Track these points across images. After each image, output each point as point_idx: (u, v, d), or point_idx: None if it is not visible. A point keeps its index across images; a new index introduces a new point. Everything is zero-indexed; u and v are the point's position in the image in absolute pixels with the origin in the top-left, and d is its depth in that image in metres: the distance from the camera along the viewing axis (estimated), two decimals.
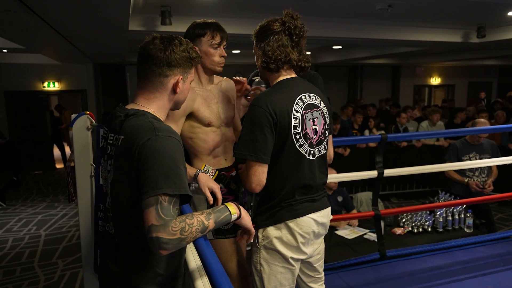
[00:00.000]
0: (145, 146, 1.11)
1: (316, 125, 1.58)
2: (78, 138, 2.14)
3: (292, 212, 1.55)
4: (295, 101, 1.53)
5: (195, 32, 1.77)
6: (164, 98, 1.28)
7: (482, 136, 3.72)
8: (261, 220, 1.59)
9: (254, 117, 1.48)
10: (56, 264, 4.02)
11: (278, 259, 1.57)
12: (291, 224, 1.55)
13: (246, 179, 1.53)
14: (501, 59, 11.05)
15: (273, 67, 1.57)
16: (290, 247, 1.56)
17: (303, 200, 1.58)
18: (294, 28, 1.55)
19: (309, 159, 1.56)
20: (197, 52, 1.32)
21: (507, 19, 5.40)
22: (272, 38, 1.55)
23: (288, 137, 1.51)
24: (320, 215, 1.62)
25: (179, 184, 1.10)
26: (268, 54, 1.55)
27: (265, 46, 1.56)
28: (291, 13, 1.58)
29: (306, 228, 1.56)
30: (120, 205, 1.22)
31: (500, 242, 3.17)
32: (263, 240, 1.57)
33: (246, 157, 1.49)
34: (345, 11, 4.76)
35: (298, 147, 1.53)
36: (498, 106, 7.89)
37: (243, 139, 1.50)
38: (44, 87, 8.77)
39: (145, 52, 1.24)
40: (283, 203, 1.55)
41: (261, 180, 1.50)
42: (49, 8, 3.35)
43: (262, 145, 1.47)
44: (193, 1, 4.25)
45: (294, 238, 1.55)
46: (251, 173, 1.50)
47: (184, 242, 1.09)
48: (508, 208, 5.55)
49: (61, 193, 6.76)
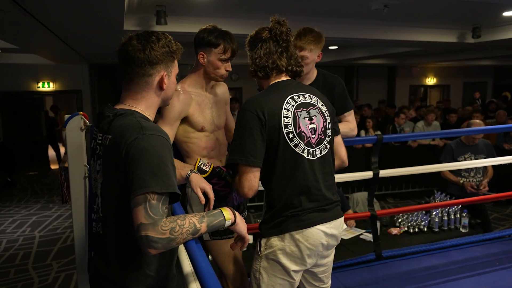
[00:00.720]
0: (132, 145, 1.10)
1: (314, 123, 1.53)
2: (71, 139, 2.12)
3: (299, 222, 1.49)
4: (285, 100, 1.51)
5: (208, 39, 1.74)
6: (152, 96, 1.27)
7: (477, 137, 3.73)
8: (266, 229, 1.53)
9: (242, 121, 1.48)
10: (50, 266, 3.99)
11: (278, 271, 1.52)
12: (297, 235, 1.48)
13: (238, 184, 1.50)
14: (496, 59, 11.10)
15: (261, 74, 1.58)
16: (293, 259, 1.50)
17: (312, 210, 1.50)
18: (280, 34, 1.56)
19: (308, 159, 1.50)
20: (177, 44, 1.29)
21: (503, 20, 5.42)
22: (260, 46, 1.57)
23: (280, 137, 1.47)
24: (330, 226, 1.54)
25: (167, 182, 1.09)
26: (255, 62, 1.57)
27: (253, 55, 1.58)
28: (278, 19, 1.59)
29: (313, 240, 1.50)
30: (109, 205, 1.21)
31: (496, 241, 3.18)
32: (265, 249, 1.53)
33: (236, 161, 1.47)
34: (341, 11, 4.76)
35: (294, 147, 1.48)
36: (493, 106, 7.93)
37: (233, 144, 1.50)
38: (39, 87, 8.71)
39: (124, 55, 1.23)
40: (289, 213, 1.49)
41: (253, 184, 1.47)
42: (43, 8, 3.33)
43: (251, 148, 1.44)
44: (189, 1, 4.23)
45: (299, 250, 1.49)
46: (243, 178, 1.47)
47: (174, 243, 1.07)
48: (504, 207, 5.57)
49: (56, 194, 6.72)
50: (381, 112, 8.60)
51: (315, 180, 1.52)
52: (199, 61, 1.79)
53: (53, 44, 5.53)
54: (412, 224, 3.55)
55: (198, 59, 1.79)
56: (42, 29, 4.24)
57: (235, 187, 1.56)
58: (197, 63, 1.82)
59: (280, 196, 1.50)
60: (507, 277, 2.66)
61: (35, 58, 7.68)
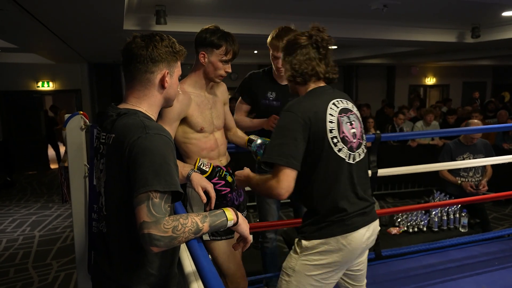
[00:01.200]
0: (135, 144, 1.11)
1: (354, 128, 1.57)
2: (71, 138, 2.12)
3: (344, 227, 1.50)
4: (328, 105, 1.53)
5: (210, 40, 1.75)
6: (154, 95, 1.28)
7: (476, 137, 3.73)
8: (310, 231, 1.54)
9: (285, 122, 1.47)
10: (50, 265, 3.99)
11: (314, 272, 1.52)
12: (342, 240, 1.50)
13: (275, 185, 1.44)
14: (496, 59, 11.11)
15: (300, 80, 1.58)
16: (334, 263, 1.52)
17: (355, 214, 1.53)
18: (321, 41, 1.56)
19: (349, 163, 1.53)
20: (181, 46, 1.31)
21: (502, 20, 5.43)
22: (299, 52, 1.56)
23: (325, 141, 1.48)
24: (370, 228, 1.57)
25: (169, 181, 1.10)
26: (294, 67, 1.56)
27: (292, 60, 1.57)
28: (317, 26, 1.59)
29: (355, 244, 1.52)
30: (112, 204, 1.22)
31: (495, 241, 3.19)
32: (305, 250, 1.53)
33: (275, 161, 1.44)
34: (340, 11, 4.77)
35: (337, 152, 1.50)
36: (492, 106, 7.95)
37: (272, 144, 1.48)
38: (38, 86, 8.71)
39: (128, 52, 1.25)
40: (334, 217, 1.50)
41: (290, 186, 1.45)
42: (42, 8, 3.33)
43: (293, 149, 1.44)
44: (188, 1, 4.23)
45: (342, 254, 1.51)
46: (282, 179, 1.44)
47: (176, 241, 1.08)
48: (503, 207, 5.58)
49: (56, 193, 6.71)
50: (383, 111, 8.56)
51: (357, 184, 1.55)
52: (199, 61, 1.80)
53: (52, 43, 5.53)
54: (412, 223, 3.55)
55: (198, 58, 1.80)
56: (42, 29, 4.24)
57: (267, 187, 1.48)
58: (197, 63, 1.83)
59: (323, 200, 1.52)
60: (506, 276, 2.67)
61: (34, 58, 7.67)
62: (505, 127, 4.80)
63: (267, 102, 2.27)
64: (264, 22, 4.90)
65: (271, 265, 2.53)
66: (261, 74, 2.32)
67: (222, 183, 1.79)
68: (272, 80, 2.27)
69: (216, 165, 1.83)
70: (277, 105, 2.25)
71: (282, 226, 2.52)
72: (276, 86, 2.26)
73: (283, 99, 2.25)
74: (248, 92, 2.31)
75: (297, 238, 1.58)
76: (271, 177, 1.46)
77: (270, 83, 2.27)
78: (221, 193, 1.80)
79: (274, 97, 2.26)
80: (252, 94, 2.30)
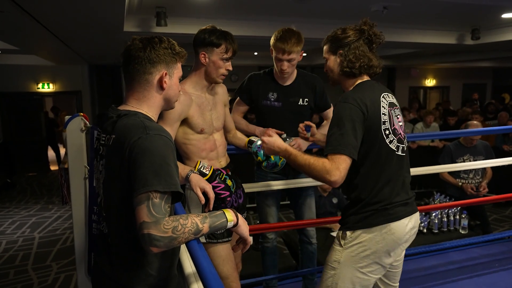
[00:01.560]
0: (136, 145, 1.12)
1: (400, 122, 1.63)
2: (72, 140, 2.12)
3: (387, 216, 1.53)
4: (380, 98, 1.57)
5: (210, 39, 1.76)
6: (153, 96, 1.28)
7: (475, 138, 3.73)
8: (353, 222, 1.56)
9: (344, 113, 1.48)
10: (50, 267, 3.98)
11: (359, 263, 1.54)
12: (385, 229, 1.52)
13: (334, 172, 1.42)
14: (495, 61, 11.11)
15: (357, 72, 1.60)
16: (377, 253, 1.53)
17: (398, 204, 1.55)
18: (374, 36, 1.60)
19: (398, 154, 1.58)
20: (182, 48, 1.31)
21: (501, 21, 5.43)
22: (353, 45, 1.58)
23: (379, 132, 1.52)
24: (412, 219, 1.59)
25: (169, 181, 1.10)
26: (351, 60, 1.58)
27: (347, 53, 1.59)
28: (368, 22, 1.61)
29: (398, 234, 1.54)
30: (112, 205, 1.22)
31: (495, 243, 3.19)
32: (350, 241, 1.55)
33: (339, 152, 1.44)
34: (341, 12, 4.77)
35: (388, 143, 1.54)
36: (492, 108, 7.95)
37: (333, 134, 1.48)
38: (39, 88, 8.71)
39: (127, 54, 1.26)
40: (379, 206, 1.53)
41: (345, 174, 1.46)
42: (42, 9, 3.33)
43: (352, 140, 1.45)
44: (189, 3, 4.24)
45: (385, 244, 1.53)
46: (342, 167, 1.43)
47: (176, 242, 1.08)
48: (503, 209, 5.57)
49: (56, 195, 6.71)
50: None
51: (402, 175, 1.60)
52: (200, 61, 1.80)
53: (53, 45, 5.54)
54: None
55: (199, 59, 1.80)
56: (42, 30, 4.25)
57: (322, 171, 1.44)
58: (197, 64, 1.83)
59: (370, 190, 1.54)
60: (507, 278, 2.66)
61: (34, 59, 7.68)
62: (506, 129, 4.80)
63: (268, 103, 2.27)
64: (264, 23, 4.91)
65: (271, 266, 2.53)
66: (261, 75, 2.33)
67: (221, 187, 1.79)
68: (274, 81, 2.28)
69: (217, 168, 1.83)
70: (278, 106, 2.26)
71: (282, 228, 2.51)
72: (277, 87, 2.27)
73: (284, 100, 2.26)
74: (248, 93, 2.32)
75: (340, 230, 1.60)
76: (328, 162, 1.44)
77: (272, 84, 2.28)
78: (220, 197, 1.80)
79: (275, 98, 2.26)
80: (252, 95, 2.31)
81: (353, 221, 1.56)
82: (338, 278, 1.55)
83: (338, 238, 1.59)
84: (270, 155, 1.93)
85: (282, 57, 2.11)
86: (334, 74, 1.67)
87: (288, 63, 2.13)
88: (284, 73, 2.18)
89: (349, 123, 1.46)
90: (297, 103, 2.26)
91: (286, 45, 2.07)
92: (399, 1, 4.15)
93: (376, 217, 1.53)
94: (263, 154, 1.95)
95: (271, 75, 2.30)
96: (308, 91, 2.29)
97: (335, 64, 1.64)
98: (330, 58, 1.66)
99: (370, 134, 1.51)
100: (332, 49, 1.64)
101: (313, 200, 2.48)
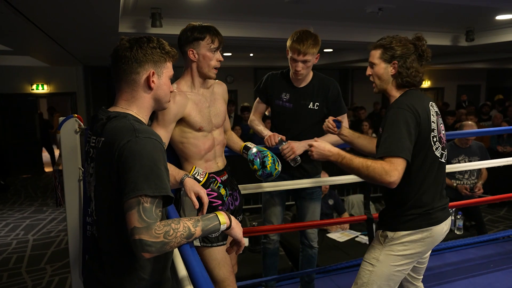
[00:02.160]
0: (125, 148, 1.10)
1: (443, 130, 1.70)
2: (66, 141, 2.11)
3: (430, 220, 1.62)
4: (429, 106, 1.64)
5: (193, 35, 1.76)
6: (142, 96, 1.26)
7: (470, 139, 3.75)
8: (396, 223, 1.63)
9: (400, 117, 1.53)
10: (44, 270, 3.95)
11: (397, 262, 1.62)
12: (427, 232, 1.61)
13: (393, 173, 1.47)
14: (490, 63, 11.19)
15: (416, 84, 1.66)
16: (416, 254, 1.63)
17: (439, 209, 1.65)
18: (425, 51, 1.66)
19: (440, 161, 1.65)
20: (172, 48, 1.30)
21: (495, 23, 5.47)
22: (409, 59, 1.63)
23: (428, 139, 1.59)
24: (447, 223, 1.69)
25: (160, 185, 1.08)
26: (412, 73, 1.63)
27: (403, 65, 1.63)
28: (422, 37, 1.67)
29: (437, 236, 1.64)
30: (102, 208, 1.20)
31: (490, 243, 3.20)
32: (391, 240, 1.62)
33: (397, 155, 1.48)
34: (336, 14, 4.78)
35: (435, 150, 1.61)
36: (486, 109, 7.99)
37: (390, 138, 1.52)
38: (33, 89, 8.66)
39: (114, 55, 1.25)
40: (422, 211, 1.61)
41: (401, 175, 1.50)
42: (37, 10, 3.31)
43: (408, 144, 1.51)
44: (184, 4, 4.23)
45: (425, 244, 1.62)
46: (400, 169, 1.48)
47: (168, 247, 1.06)
48: (498, 209, 5.60)
49: (50, 197, 6.67)
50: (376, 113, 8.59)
51: (442, 181, 1.69)
52: (190, 59, 1.79)
53: (47, 46, 5.50)
54: None
55: (188, 56, 1.79)
56: (37, 31, 4.22)
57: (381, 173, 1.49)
58: (187, 62, 1.82)
59: (415, 194, 1.61)
60: (502, 279, 2.67)
61: (29, 60, 7.63)
62: (500, 131, 4.83)
63: (280, 103, 2.29)
64: (260, 25, 4.91)
65: (271, 267, 2.52)
66: (279, 75, 2.35)
67: (214, 195, 1.77)
68: (288, 82, 2.29)
69: (212, 175, 1.81)
70: (289, 107, 2.27)
71: (279, 230, 2.51)
72: (291, 88, 2.27)
73: (295, 102, 2.26)
74: (264, 91, 2.35)
75: (380, 229, 1.67)
76: (386, 164, 1.49)
77: (286, 85, 2.29)
78: (212, 205, 1.77)
79: (287, 99, 2.28)
80: (267, 94, 2.34)
81: (396, 223, 1.64)
82: (376, 274, 1.64)
83: (378, 237, 1.68)
84: (266, 165, 1.92)
85: (297, 57, 2.11)
86: (383, 82, 1.71)
87: (303, 64, 2.13)
88: (298, 75, 2.18)
89: (404, 127, 1.52)
90: (307, 106, 2.26)
91: (302, 46, 2.08)
92: (394, 3, 4.17)
93: (420, 221, 1.61)
94: (259, 163, 1.93)
95: (287, 76, 2.31)
96: (321, 95, 2.27)
97: (386, 73, 1.68)
98: (380, 65, 1.69)
99: (420, 140, 1.57)
100: (386, 57, 1.67)
101: (319, 205, 2.45)
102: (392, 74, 1.66)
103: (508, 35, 5.71)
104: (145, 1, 4.04)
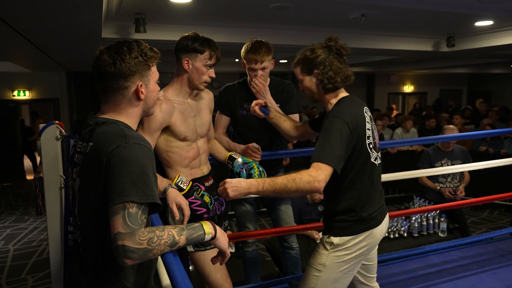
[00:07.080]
0: (114, 153, 1.08)
1: (377, 135, 1.73)
2: (46, 149, 2.07)
3: (371, 223, 1.66)
4: (364, 113, 1.65)
5: (193, 46, 1.75)
6: (131, 107, 1.25)
7: (452, 142, 3.83)
8: (340, 228, 1.65)
9: (334, 127, 1.54)
10: (25, 281, 3.85)
11: (343, 266, 1.64)
12: (369, 234, 1.66)
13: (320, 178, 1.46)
14: (470, 68, 11.46)
15: (339, 85, 1.65)
16: (360, 255, 1.66)
17: (378, 211, 1.70)
18: (342, 48, 1.65)
19: (377, 166, 1.70)
20: (153, 49, 1.26)
21: (475, 29, 5.60)
22: (327, 63, 1.62)
23: (363, 147, 1.60)
24: (385, 221, 1.75)
25: (147, 192, 1.07)
26: (331, 76, 1.62)
27: (323, 70, 1.63)
28: (332, 37, 1.66)
29: (378, 236, 1.70)
30: (86, 214, 1.18)
31: (474, 245, 3.24)
32: (336, 246, 1.64)
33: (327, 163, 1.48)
34: (320, 20, 4.83)
35: (371, 156, 1.65)
36: (468, 113, 8.15)
37: (322, 145, 1.52)
38: (14, 95, 8.49)
39: (97, 70, 1.21)
40: (364, 215, 1.64)
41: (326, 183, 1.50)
42: (17, 15, 3.25)
43: (341, 153, 1.51)
44: (168, 9, 4.21)
45: (368, 247, 1.66)
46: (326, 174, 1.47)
47: (151, 254, 1.04)
48: (480, 211, 5.70)
49: (32, 205, 6.51)
50: None
51: (380, 184, 1.75)
52: (183, 67, 1.77)
53: (29, 52, 5.41)
54: (392, 229, 3.58)
55: (182, 65, 1.77)
56: (17, 37, 4.14)
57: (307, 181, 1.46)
58: (179, 70, 1.80)
59: (356, 200, 1.64)
60: (485, 280, 2.71)
61: (10, 66, 7.48)
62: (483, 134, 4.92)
63: (244, 113, 2.30)
64: (244, 30, 4.92)
65: (252, 272, 2.51)
66: (236, 86, 2.36)
67: (198, 203, 1.76)
68: (248, 91, 2.29)
69: (195, 183, 1.80)
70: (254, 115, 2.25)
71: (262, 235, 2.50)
72: (252, 96, 2.27)
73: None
74: (226, 104, 2.34)
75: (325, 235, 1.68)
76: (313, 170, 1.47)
77: (246, 94, 2.30)
78: (196, 213, 1.75)
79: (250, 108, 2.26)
80: (230, 106, 2.33)
81: (339, 228, 1.65)
82: (323, 279, 1.64)
83: (323, 243, 1.67)
84: (253, 177, 1.92)
85: (255, 66, 2.16)
86: (314, 93, 1.72)
87: (262, 71, 2.18)
88: None
89: (337, 136, 1.52)
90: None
91: (258, 55, 2.13)
92: (376, 9, 4.23)
93: (361, 225, 1.65)
94: (246, 176, 1.92)
95: (246, 85, 2.33)
96: (279, 98, 2.32)
97: (312, 84, 1.70)
98: (305, 79, 1.71)
99: (357, 147, 1.58)
100: (306, 70, 1.69)
101: (289, 204, 2.48)
102: (317, 83, 1.67)
103: (487, 40, 5.87)
104: (129, 6, 4.01)
